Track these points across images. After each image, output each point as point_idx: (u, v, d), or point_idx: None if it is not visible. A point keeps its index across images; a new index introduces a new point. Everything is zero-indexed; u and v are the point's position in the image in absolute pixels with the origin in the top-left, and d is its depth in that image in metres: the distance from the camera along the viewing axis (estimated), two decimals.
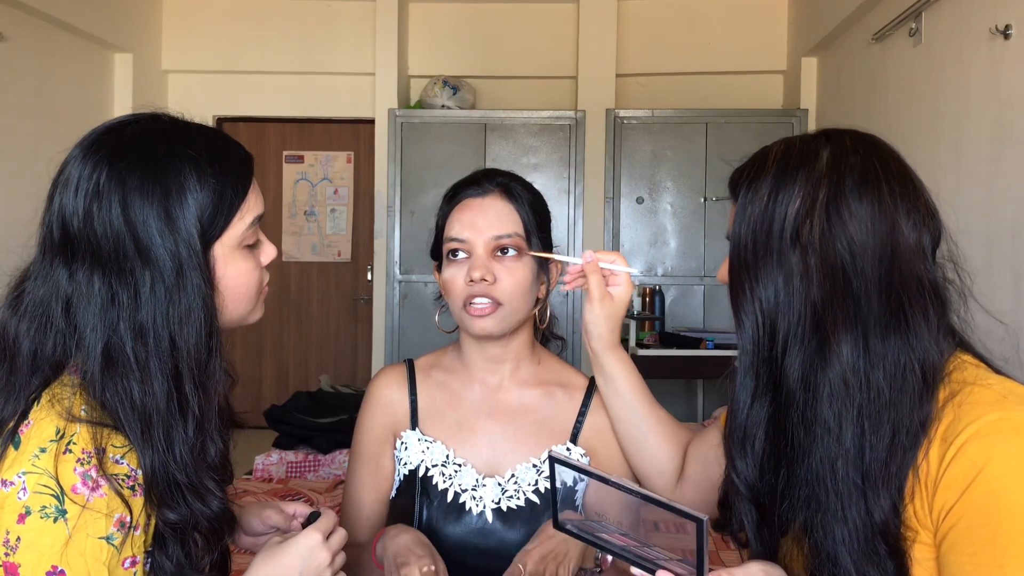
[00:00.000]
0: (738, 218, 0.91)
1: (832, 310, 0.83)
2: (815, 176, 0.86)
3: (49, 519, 0.79)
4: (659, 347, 4.11)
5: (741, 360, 0.90)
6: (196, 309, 0.86)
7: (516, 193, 1.21)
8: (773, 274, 0.86)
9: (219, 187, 0.88)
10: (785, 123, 4.73)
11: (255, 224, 0.93)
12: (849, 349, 0.82)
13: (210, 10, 5.11)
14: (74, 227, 0.85)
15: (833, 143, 0.89)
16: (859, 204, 0.84)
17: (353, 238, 5.39)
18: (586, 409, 1.24)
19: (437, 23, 5.18)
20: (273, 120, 5.33)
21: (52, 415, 0.82)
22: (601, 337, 1.15)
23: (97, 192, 0.84)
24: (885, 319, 0.83)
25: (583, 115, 4.84)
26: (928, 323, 0.83)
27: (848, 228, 0.84)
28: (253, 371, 5.30)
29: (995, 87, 2.76)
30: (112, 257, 0.84)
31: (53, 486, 0.79)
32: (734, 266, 0.91)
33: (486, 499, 1.19)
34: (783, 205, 0.86)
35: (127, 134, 0.88)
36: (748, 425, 0.89)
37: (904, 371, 0.82)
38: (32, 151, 4.07)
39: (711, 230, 4.78)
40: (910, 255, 0.84)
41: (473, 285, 1.16)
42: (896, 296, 0.83)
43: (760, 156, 0.92)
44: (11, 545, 0.79)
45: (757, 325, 0.87)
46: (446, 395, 1.26)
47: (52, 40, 4.28)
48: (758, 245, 0.87)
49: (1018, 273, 2.56)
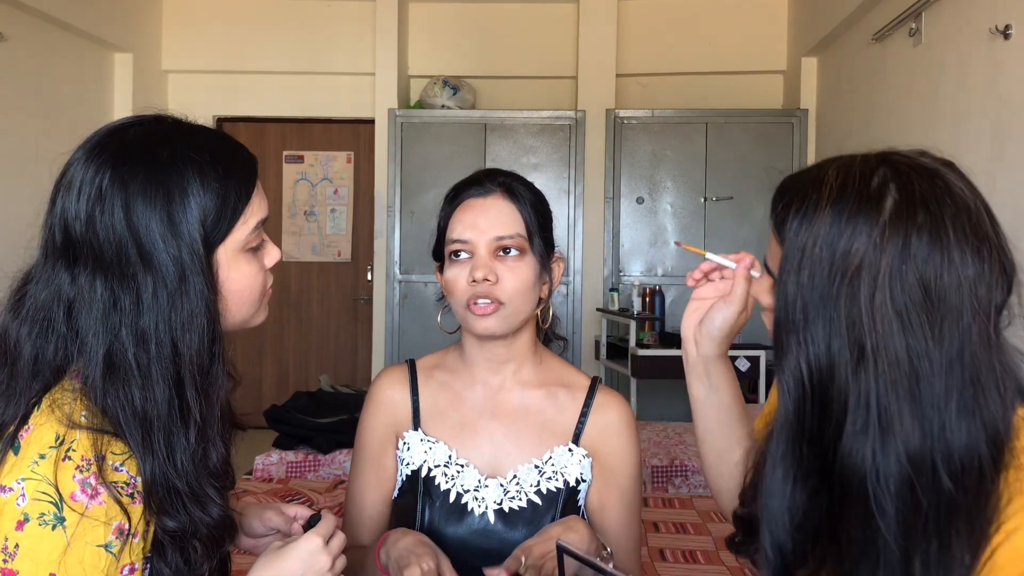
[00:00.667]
0: (784, 275, 0.80)
1: (895, 391, 0.73)
2: (877, 232, 0.75)
3: (48, 526, 0.78)
4: (659, 347, 4.11)
5: (780, 431, 0.79)
6: (199, 314, 0.84)
7: (518, 193, 1.21)
8: (826, 337, 0.76)
9: (223, 191, 0.87)
10: (785, 123, 4.74)
11: (259, 227, 0.92)
12: (917, 436, 0.73)
13: (210, 10, 5.11)
14: (76, 231, 0.84)
15: (899, 187, 0.76)
16: (926, 269, 0.74)
17: (353, 238, 5.39)
18: (588, 410, 1.24)
19: (437, 23, 5.18)
20: (273, 120, 5.33)
21: (52, 421, 0.81)
22: (722, 343, 1.04)
23: (100, 196, 0.83)
24: (956, 399, 0.73)
25: (583, 115, 4.84)
26: (1001, 398, 0.74)
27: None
28: (253, 371, 5.30)
29: (995, 87, 2.76)
30: (114, 262, 0.83)
31: (52, 493, 0.78)
32: (780, 317, 0.80)
33: (488, 500, 1.19)
34: (840, 259, 0.75)
35: (130, 137, 0.87)
36: (785, 510, 0.79)
37: (979, 460, 0.72)
38: (32, 151, 4.07)
39: (711, 230, 4.78)
40: (980, 325, 0.74)
41: (476, 285, 1.16)
42: (969, 389, 0.73)
43: (810, 185, 0.81)
44: (9, 552, 0.78)
45: (803, 392, 0.77)
46: (448, 395, 1.26)
47: (52, 40, 4.27)
48: (809, 301, 0.77)
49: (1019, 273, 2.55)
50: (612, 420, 1.24)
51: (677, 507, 2.76)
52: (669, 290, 4.76)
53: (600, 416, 1.24)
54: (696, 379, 1.07)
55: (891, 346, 0.73)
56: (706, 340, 1.04)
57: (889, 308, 0.73)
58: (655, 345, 4.13)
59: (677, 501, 2.83)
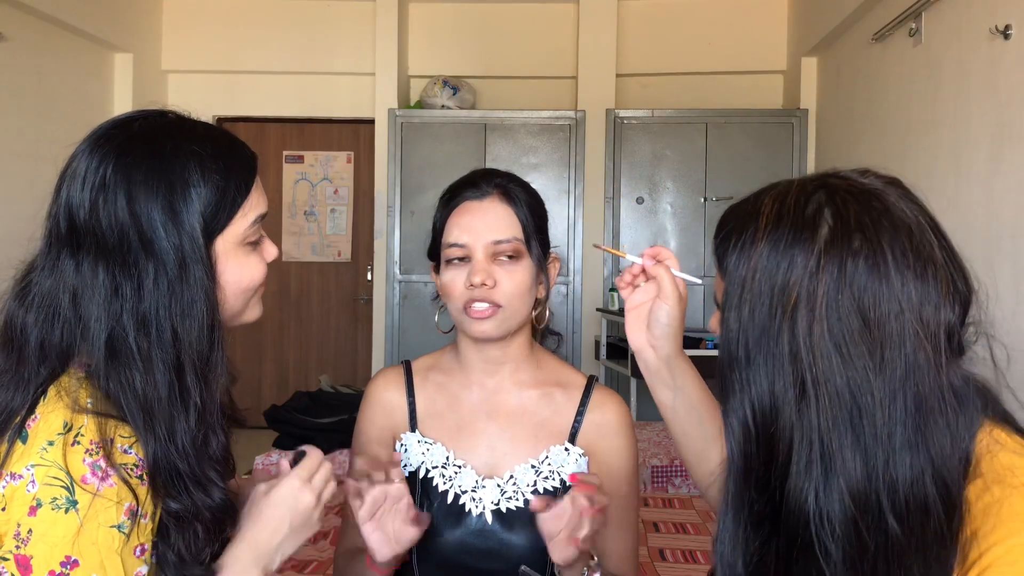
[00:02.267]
0: (727, 311, 0.77)
1: (837, 431, 0.70)
2: (813, 259, 0.72)
3: (60, 510, 0.80)
4: None
5: (730, 475, 0.76)
6: (198, 302, 0.87)
7: (514, 195, 1.21)
8: (768, 377, 0.73)
9: (223, 184, 0.89)
10: (785, 123, 4.74)
11: (258, 222, 0.94)
12: (860, 473, 0.69)
13: (210, 10, 5.11)
14: (80, 219, 0.86)
15: (833, 213, 0.74)
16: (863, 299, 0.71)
17: (353, 238, 5.39)
18: (584, 408, 1.24)
19: (437, 23, 5.18)
20: (273, 120, 5.33)
21: (59, 408, 0.83)
22: (674, 338, 1.04)
23: (103, 185, 0.85)
24: (902, 437, 0.70)
25: (583, 115, 4.84)
26: (951, 432, 0.70)
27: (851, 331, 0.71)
28: (253, 371, 5.31)
29: (995, 87, 2.76)
30: (116, 249, 0.85)
31: (63, 477, 0.80)
32: (724, 364, 0.78)
33: (485, 501, 1.19)
34: (779, 292, 0.73)
35: (134, 129, 0.89)
36: (745, 557, 0.76)
37: (925, 500, 0.69)
38: (32, 151, 4.07)
39: (711, 230, 4.72)
40: (926, 363, 0.70)
41: (473, 289, 1.16)
42: (918, 416, 0.70)
43: (749, 212, 0.79)
44: (23, 538, 0.80)
45: (748, 435, 0.74)
46: (445, 397, 1.26)
47: (52, 40, 4.28)
48: (750, 340, 0.74)
49: (1018, 273, 2.56)
50: (608, 419, 1.24)
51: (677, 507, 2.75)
52: None
53: (596, 415, 1.24)
54: (661, 384, 1.06)
55: (832, 380, 0.70)
56: (661, 341, 1.03)
57: (827, 340, 0.71)
58: None
59: (677, 501, 2.83)
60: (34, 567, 0.79)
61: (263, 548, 0.92)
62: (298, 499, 0.93)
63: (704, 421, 1.05)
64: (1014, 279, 2.56)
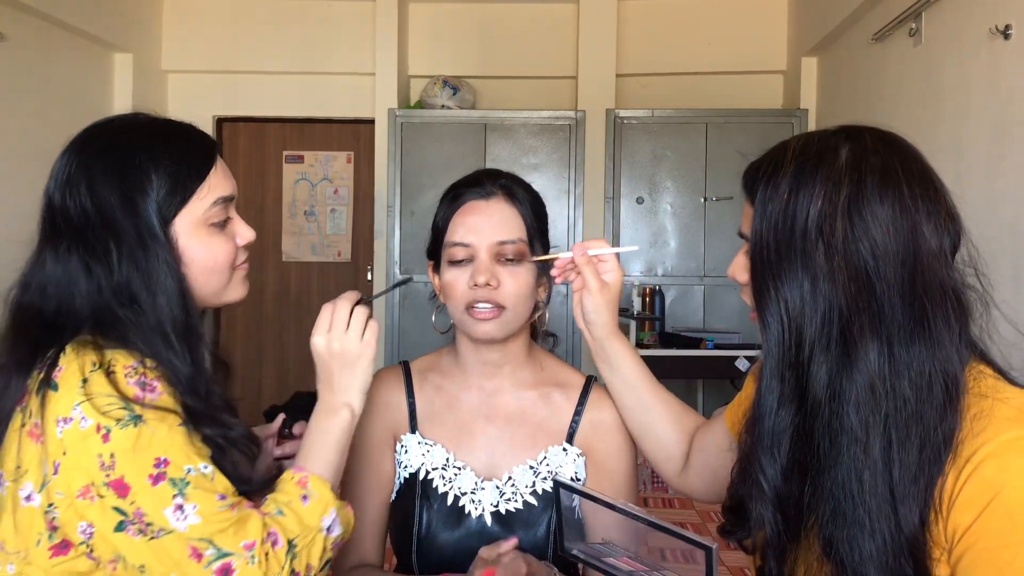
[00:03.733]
0: (757, 216, 0.88)
1: (857, 315, 0.81)
2: (835, 175, 0.84)
3: (130, 426, 0.87)
4: (659, 347, 4.11)
5: (766, 363, 0.87)
6: (164, 275, 0.96)
7: (518, 196, 1.21)
8: (798, 276, 0.84)
9: (175, 169, 0.98)
10: (785, 123, 4.73)
11: (219, 204, 1.02)
12: (875, 356, 0.80)
13: (210, 10, 5.10)
14: (55, 211, 0.97)
15: (853, 141, 0.87)
16: (880, 206, 0.82)
17: (353, 238, 5.39)
18: (582, 408, 1.24)
19: (437, 23, 5.18)
20: (273, 120, 5.32)
21: (82, 354, 0.90)
22: (604, 325, 1.17)
23: (68, 180, 0.97)
24: (909, 326, 0.81)
25: (583, 115, 4.84)
26: (950, 331, 0.81)
27: (870, 231, 0.82)
28: (253, 371, 5.30)
29: (995, 87, 2.76)
30: (83, 234, 0.95)
31: (117, 400, 0.88)
32: (756, 266, 0.88)
33: (485, 502, 1.19)
34: (804, 205, 0.84)
35: (99, 129, 1.01)
36: (775, 431, 0.86)
37: (929, 381, 0.80)
38: (32, 151, 4.06)
39: (711, 230, 4.78)
40: (931, 259, 0.82)
41: (476, 289, 1.16)
42: (919, 302, 0.81)
43: (777, 152, 0.90)
44: (108, 465, 0.86)
45: (783, 328, 0.85)
46: (444, 398, 1.26)
47: (52, 40, 4.27)
48: (781, 245, 0.85)
49: (1018, 273, 2.55)
50: (605, 418, 1.24)
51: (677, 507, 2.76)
52: (669, 290, 4.76)
53: (594, 414, 1.24)
54: (600, 362, 1.20)
55: (851, 264, 0.82)
56: (592, 326, 1.18)
57: (850, 239, 0.82)
58: (655, 345, 4.12)
59: (677, 501, 2.83)
60: (130, 483, 0.86)
61: (331, 398, 1.04)
62: (317, 346, 1.05)
63: (641, 395, 1.18)
64: (1014, 279, 2.56)
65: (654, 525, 0.79)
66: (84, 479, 0.87)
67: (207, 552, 0.87)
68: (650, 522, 0.79)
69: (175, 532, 0.87)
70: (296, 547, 0.92)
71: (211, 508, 0.88)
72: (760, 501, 0.87)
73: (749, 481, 0.89)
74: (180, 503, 0.87)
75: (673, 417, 1.18)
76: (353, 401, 1.05)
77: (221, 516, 0.89)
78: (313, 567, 0.93)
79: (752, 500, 0.88)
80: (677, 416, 1.18)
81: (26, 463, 0.90)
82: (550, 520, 1.17)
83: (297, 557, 0.92)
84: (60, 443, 0.87)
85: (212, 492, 0.90)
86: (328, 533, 0.96)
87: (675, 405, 1.19)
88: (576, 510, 1.02)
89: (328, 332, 1.05)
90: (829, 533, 0.82)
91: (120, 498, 0.86)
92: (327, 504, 0.97)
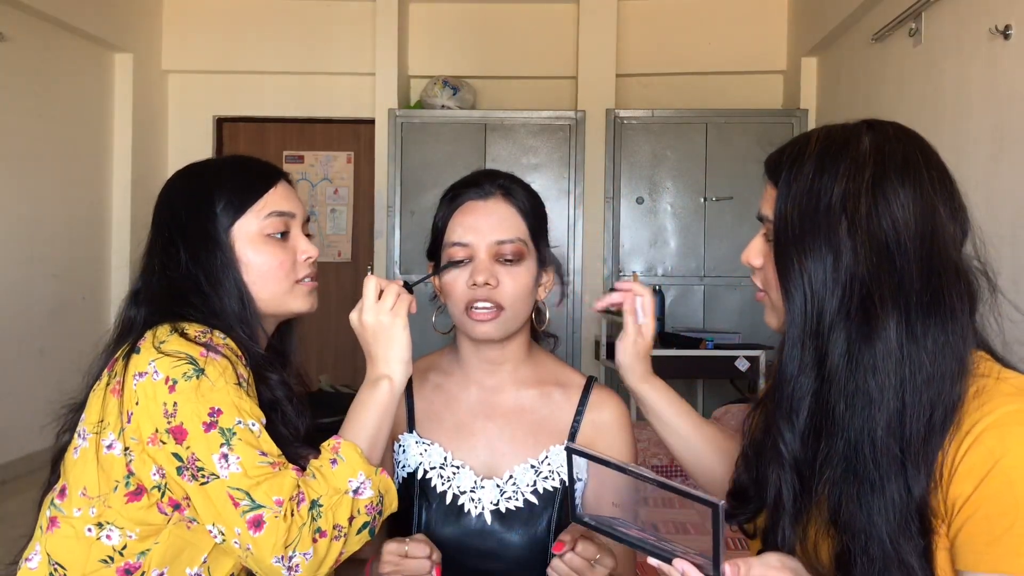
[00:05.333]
0: (781, 196, 0.92)
1: (878, 286, 0.85)
2: (860, 158, 0.88)
3: (193, 378, 0.99)
4: (659, 347, 4.11)
5: (789, 332, 0.90)
6: (227, 269, 1.13)
7: (517, 196, 1.21)
8: (821, 250, 0.87)
9: (237, 188, 1.17)
10: (785, 123, 4.73)
11: (275, 217, 1.17)
12: (894, 324, 0.84)
13: (210, 10, 5.11)
14: (157, 225, 1.20)
15: (875, 131, 0.92)
16: (902, 188, 0.86)
17: (353, 238, 5.39)
18: (583, 408, 1.24)
19: (437, 23, 5.18)
20: (273, 120, 5.32)
21: (163, 324, 1.06)
22: (635, 372, 1.19)
23: (164, 199, 1.21)
24: (926, 298, 0.84)
25: (583, 115, 4.84)
26: (962, 309, 0.85)
27: (892, 208, 0.86)
28: None
29: (995, 87, 2.76)
30: (170, 235, 1.16)
31: (184, 356, 1.00)
32: (780, 241, 0.92)
33: (484, 501, 1.19)
34: (828, 184, 0.88)
35: (191, 165, 1.23)
36: (794, 397, 0.90)
37: (943, 349, 0.84)
38: (32, 151, 4.06)
39: (711, 230, 4.78)
40: (947, 241, 0.86)
41: (476, 289, 1.16)
42: (936, 278, 0.85)
43: (800, 140, 0.94)
44: (170, 412, 0.98)
45: (806, 299, 0.88)
46: (443, 398, 1.26)
47: (52, 40, 4.28)
48: (805, 221, 0.89)
49: (1018, 273, 2.56)
50: (607, 418, 1.24)
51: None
52: (669, 290, 4.76)
53: (595, 414, 1.24)
54: (639, 403, 1.21)
55: (874, 238, 0.85)
56: (623, 372, 1.19)
57: (873, 215, 0.86)
58: (655, 345, 4.12)
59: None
60: (188, 429, 0.98)
61: (372, 370, 1.16)
62: (352, 321, 1.17)
63: (682, 434, 1.19)
64: (1014, 279, 2.56)
65: (664, 485, 0.82)
66: (151, 426, 0.99)
67: (243, 502, 0.96)
68: (660, 482, 0.82)
69: (219, 479, 0.97)
70: (321, 506, 0.99)
71: (252, 462, 0.98)
72: (778, 465, 0.90)
73: (766, 452, 0.93)
74: (225, 452, 0.98)
75: (717, 448, 1.19)
76: (393, 373, 1.12)
77: (259, 470, 0.98)
78: (343, 527, 0.99)
79: (769, 465, 0.92)
80: (721, 447, 1.19)
81: (108, 416, 1.03)
82: (550, 519, 1.17)
83: (322, 516, 0.98)
84: (134, 394, 1.00)
85: (255, 448, 0.99)
86: (356, 495, 1.01)
87: (718, 438, 1.20)
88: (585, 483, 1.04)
89: (360, 310, 1.13)
90: (839, 494, 0.85)
91: (178, 444, 0.98)
92: (355, 468, 1.03)
